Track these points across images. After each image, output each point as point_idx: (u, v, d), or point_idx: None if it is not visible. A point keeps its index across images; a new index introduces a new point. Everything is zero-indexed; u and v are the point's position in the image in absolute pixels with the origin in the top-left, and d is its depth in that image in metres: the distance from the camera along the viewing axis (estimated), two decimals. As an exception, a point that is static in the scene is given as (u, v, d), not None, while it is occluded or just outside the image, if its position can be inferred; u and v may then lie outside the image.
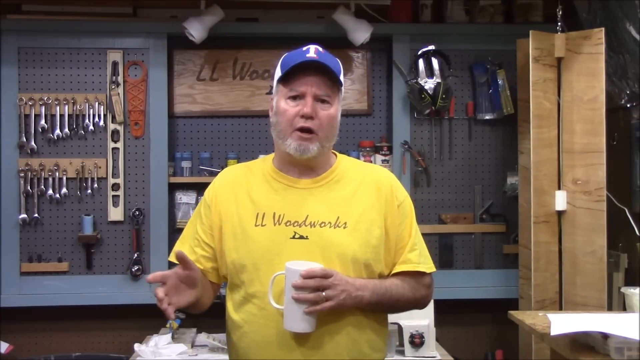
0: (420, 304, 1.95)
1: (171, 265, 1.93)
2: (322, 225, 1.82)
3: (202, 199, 1.97)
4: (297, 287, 1.70)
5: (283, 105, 1.84)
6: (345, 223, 1.83)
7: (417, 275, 1.90)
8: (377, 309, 1.85)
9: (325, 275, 1.72)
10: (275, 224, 1.83)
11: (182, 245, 1.96)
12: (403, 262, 1.88)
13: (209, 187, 1.97)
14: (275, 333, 1.79)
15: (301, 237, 1.81)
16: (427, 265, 1.92)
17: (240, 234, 1.84)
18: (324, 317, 1.75)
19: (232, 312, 1.87)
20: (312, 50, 1.85)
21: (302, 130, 1.81)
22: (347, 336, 1.80)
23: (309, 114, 1.80)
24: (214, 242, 1.90)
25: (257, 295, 1.80)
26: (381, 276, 1.86)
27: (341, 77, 1.87)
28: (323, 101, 1.83)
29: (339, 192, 1.88)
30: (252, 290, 1.81)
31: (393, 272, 1.88)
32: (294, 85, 1.82)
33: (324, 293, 1.72)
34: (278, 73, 1.88)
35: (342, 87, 1.89)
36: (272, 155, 1.96)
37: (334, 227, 1.82)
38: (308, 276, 1.70)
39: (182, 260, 1.76)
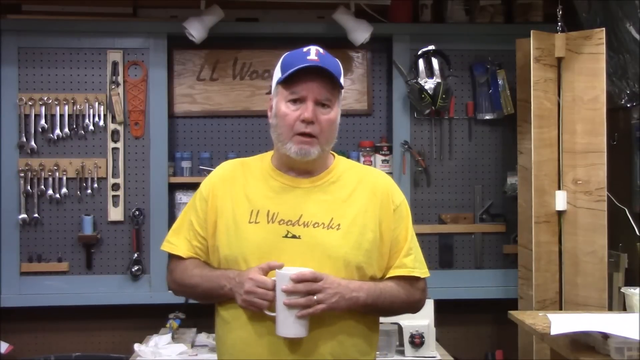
0: (413, 308, 1.95)
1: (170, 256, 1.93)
2: (316, 225, 1.82)
3: (197, 192, 1.95)
4: (288, 292, 1.70)
5: (284, 109, 1.83)
6: (338, 225, 1.82)
7: (412, 279, 1.89)
8: (371, 312, 1.85)
9: (315, 279, 1.72)
10: (268, 222, 1.82)
11: (177, 236, 1.94)
12: (398, 266, 1.87)
13: (206, 180, 1.96)
14: (261, 330, 1.78)
15: (294, 237, 1.81)
16: (421, 270, 1.92)
17: (234, 230, 1.84)
18: (315, 321, 1.75)
19: (221, 308, 1.87)
20: (313, 52, 1.83)
21: (303, 134, 1.81)
22: (335, 340, 1.80)
23: (310, 119, 1.80)
24: (207, 235, 1.89)
25: None
26: (373, 279, 1.86)
27: (341, 80, 1.86)
28: (323, 105, 1.82)
29: (334, 193, 1.87)
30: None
31: (388, 275, 1.88)
32: (295, 89, 1.81)
33: (315, 297, 1.72)
34: (278, 74, 1.86)
35: (342, 90, 1.88)
36: (271, 152, 1.95)
37: (327, 228, 1.82)
38: (298, 280, 1.70)
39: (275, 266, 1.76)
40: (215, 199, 1.89)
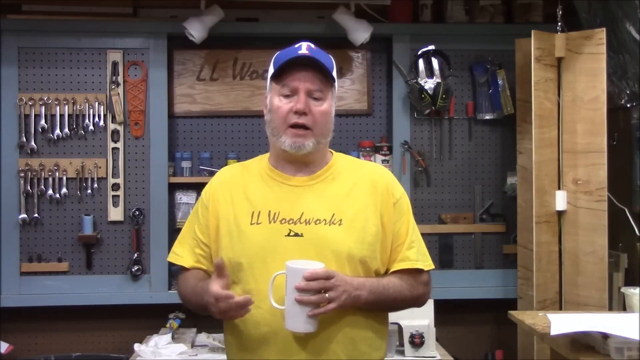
0: (418, 302, 1.94)
1: (170, 265, 1.93)
2: (317, 222, 1.82)
3: (199, 199, 1.97)
4: (300, 289, 1.69)
5: (276, 103, 1.84)
6: (340, 220, 1.82)
7: (415, 273, 1.89)
8: (374, 308, 1.84)
9: (327, 277, 1.71)
10: (270, 222, 1.83)
11: (181, 245, 1.95)
12: (401, 259, 1.87)
13: (206, 187, 1.97)
14: (270, 331, 1.78)
15: (296, 235, 1.81)
16: (425, 262, 1.91)
17: (236, 232, 1.84)
18: (322, 316, 1.74)
19: None
20: (304, 47, 1.85)
21: (296, 126, 1.82)
22: (345, 336, 1.80)
23: (302, 109, 1.81)
24: (210, 242, 1.90)
25: (252, 293, 1.79)
26: (377, 274, 1.86)
27: (334, 73, 1.87)
28: (316, 98, 1.83)
29: (334, 189, 1.88)
30: (248, 288, 1.81)
31: (391, 270, 1.88)
32: (287, 82, 1.83)
33: (327, 295, 1.71)
34: (271, 70, 1.88)
35: (336, 83, 1.89)
36: (269, 154, 1.96)
37: (329, 224, 1.82)
38: (311, 278, 1.69)
39: (219, 268, 1.74)
40: (216, 204, 1.90)
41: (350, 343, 1.81)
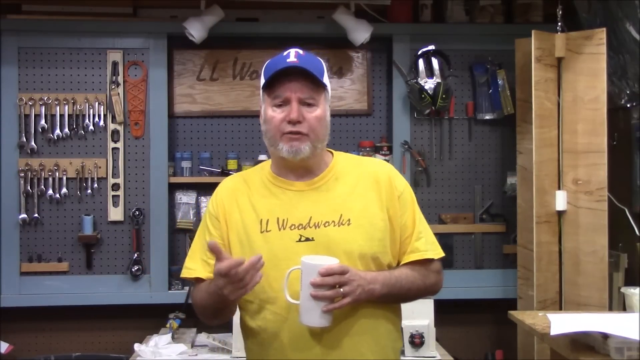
0: (431, 291, 1.97)
1: (183, 281, 1.91)
2: (326, 224, 1.83)
3: (205, 213, 1.96)
4: (316, 285, 1.70)
5: (270, 113, 1.86)
6: (349, 220, 1.83)
7: (426, 262, 1.92)
8: (389, 300, 1.86)
9: (342, 272, 1.73)
10: (280, 229, 1.83)
11: (193, 260, 1.92)
12: (411, 251, 1.89)
13: (212, 199, 1.96)
14: (291, 336, 1.79)
15: (307, 240, 1.81)
16: (435, 251, 1.94)
17: (246, 242, 1.84)
18: (339, 312, 1.76)
19: (248, 319, 1.87)
20: (292, 55, 1.85)
21: (291, 132, 1.82)
22: (363, 329, 1.82)
23: (296, 119, 1.82)
24: (226, 251, 1.87)
25: (269, 301, 1.80)
26: (390, 268, 1.87)
27: (325, 78, 1.87)
28: (309, 104, 1.84)
29: (338, 190, 1.88)
30: (264, 296, 1.81)
31: (402, 262, 1.90)
32: (278, 92, 1.84)
33: (341, 289, 1.73)
34: (262, 81, 1.90)
35: (328, 87, 1.90)
36: (270, 161, 1.97)
37: (338, 225, 1.83)
38: (327, 274, 1.70)
39: (216, 250, 1.69)
40: (226, 214, 1.90)
41: (370, 337, 1.82)
